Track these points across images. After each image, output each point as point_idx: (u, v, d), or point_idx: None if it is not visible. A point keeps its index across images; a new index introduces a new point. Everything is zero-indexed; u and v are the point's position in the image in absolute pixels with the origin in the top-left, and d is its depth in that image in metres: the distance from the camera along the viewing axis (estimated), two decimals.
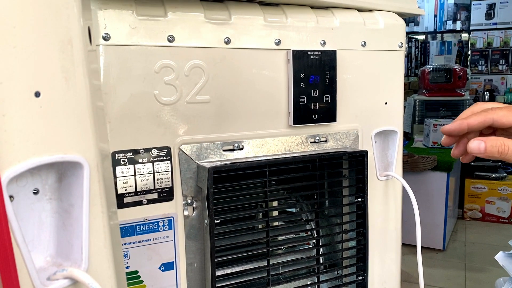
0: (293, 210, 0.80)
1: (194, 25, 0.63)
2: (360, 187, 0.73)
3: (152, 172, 0.63)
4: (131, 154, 0.61)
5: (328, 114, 0.73)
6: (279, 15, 0.70)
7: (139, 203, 0.62)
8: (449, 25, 4.95)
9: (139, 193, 0.62)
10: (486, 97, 4.69)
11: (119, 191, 0.61)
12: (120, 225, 0.62)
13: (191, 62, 0.63)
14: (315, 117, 0.72)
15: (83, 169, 0.34)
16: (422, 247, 3.16)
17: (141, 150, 0.62)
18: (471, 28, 4.84)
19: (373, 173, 0.80)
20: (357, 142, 0.78)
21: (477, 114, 0.51)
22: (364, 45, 0.76)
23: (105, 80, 0.59)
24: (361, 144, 0.79)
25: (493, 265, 2.96)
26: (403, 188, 0.85)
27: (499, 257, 0.88)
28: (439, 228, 3.22)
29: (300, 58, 0.70)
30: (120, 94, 0.60)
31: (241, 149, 0.69)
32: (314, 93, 0.72)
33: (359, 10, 0.78)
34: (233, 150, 0.68)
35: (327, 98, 0.73)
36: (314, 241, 0.77)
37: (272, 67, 0.69)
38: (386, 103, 0.80)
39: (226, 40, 0.65)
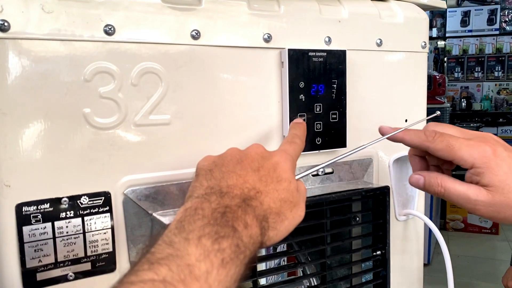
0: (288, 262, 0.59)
1: (145, 11, 0.43)
2: (380, 236, 0.54)
3: (81, 231, 0.41)
4: (47, 205, 0.40)
5: (336, 137, 0.54)
6: (269, 0, 0.50)
7: (62, 279, 0.41)
8: None
9: (61, 265, 0.41)
10: (463, 104, 4.65)
11: (29, 264, 0.39)
12: None
13: (141, 66, 0.42)
14: (318, 141, 0.53)
15: None
16: None
17: (64, 199, 0.40)
18: (447, 35, 4.79)
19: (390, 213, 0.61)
20: (372, 172, 0.59)
21: (417, 132, 0.46)
22: (379, 44, 0.57)
23: (2, 93, 0.37)
24: (376, 176, 0.59)
25: (480, 280, 2.84)
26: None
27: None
28: (424, 241, 3.09)
29: (299, 60, 0.50)
30: (28, 114, 0.38)
31: None
32: (318, 109, 0.52)
33: None
34: None
35: (335, 116, 0.53)
36: None
37: (260, 72, 0.49)
38: (406, 120, 0.61)
39: (194, 33, 0.45)
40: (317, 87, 0.52)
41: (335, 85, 0.53)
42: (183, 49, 0.45)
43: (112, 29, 0.41)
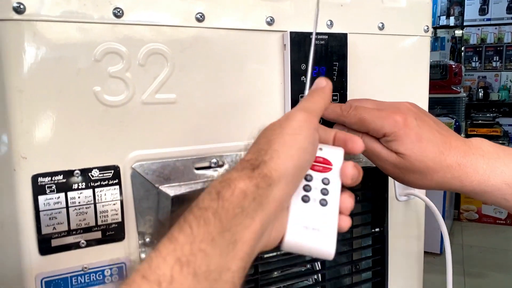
0: None
1: None
2: (379, 214, 0.56)
3: (92, 202, 0.44)
4: (61, 177, 0.43)
5: None
6: None
7: (75, 246, 0.44)
8: (442, 21, 4.80)
9: (74, 233, 0.44)
10: (480, 94, 4.57)
11: (44, 231, 0.42)
12: (47, 278, 0.43)
13: (148, 47, 0.45)
14: (320, 122, 0.54)
15: None
16: None
17: (76, 171, 0.43)
18: (465, 23, 4.70)
19: (390, 193, 0.63)
20: None
21: (334, 107, 0.49)
22: (381, 27, 0.59)
23: (19, 72, 0.40)
24: None
25: (492, 270, 2.83)
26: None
27: None
28: (436, 231, 3.06)
29: (301, 43, 0.52)
30: (42, 92, 0.41)
31: (221, 165, 0.50)
32: None
33: None
34: (209, 167, 0.50)
35: (336, 98, 0.55)
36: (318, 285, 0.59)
37: (263, 54, 0.51)
38: None
39: (198, 16, 0.47)
40: (319, 69, 0.53)
41: (336, 68, 0.55)
42: (188, 31, 0.47)
43: (120, 11, 0.43)
